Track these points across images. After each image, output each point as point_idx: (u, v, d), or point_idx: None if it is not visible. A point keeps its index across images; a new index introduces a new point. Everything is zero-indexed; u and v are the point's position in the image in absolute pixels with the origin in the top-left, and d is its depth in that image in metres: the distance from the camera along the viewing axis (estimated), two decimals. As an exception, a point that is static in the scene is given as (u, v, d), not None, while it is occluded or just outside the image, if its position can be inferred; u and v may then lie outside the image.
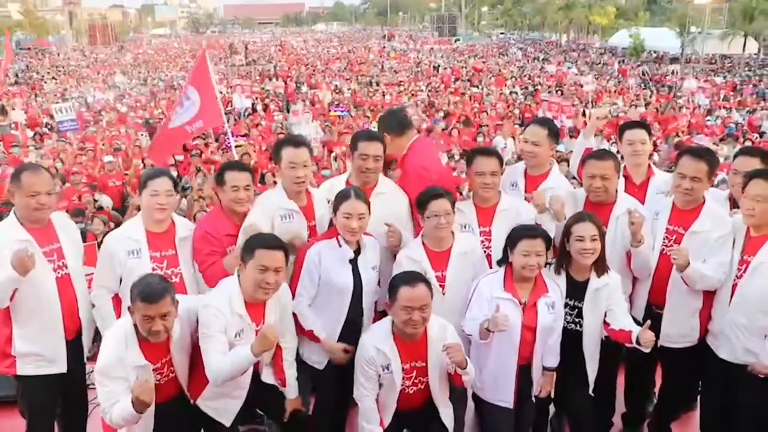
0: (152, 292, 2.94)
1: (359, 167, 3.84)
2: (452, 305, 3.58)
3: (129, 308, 3.05)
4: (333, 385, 3.66)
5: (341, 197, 3.49)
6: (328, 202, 3.78)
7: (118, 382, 2.96)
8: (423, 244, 3.65)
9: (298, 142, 3.81)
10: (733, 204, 3.91)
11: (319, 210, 3.83)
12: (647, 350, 3.30)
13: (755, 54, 39.63)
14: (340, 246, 3.53)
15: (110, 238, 3.73)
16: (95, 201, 9.16)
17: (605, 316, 3.52)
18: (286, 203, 3.72)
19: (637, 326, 3.38)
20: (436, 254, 3.62)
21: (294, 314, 3.57)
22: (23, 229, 3.46)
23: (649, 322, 3.35)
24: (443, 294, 3.59)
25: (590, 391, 3.67)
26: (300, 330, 3.60)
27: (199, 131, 7.78)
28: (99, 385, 3.02)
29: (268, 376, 3.52)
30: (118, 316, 3.61)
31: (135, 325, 3.04)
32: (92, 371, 3.89)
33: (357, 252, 3.58)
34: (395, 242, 3.72)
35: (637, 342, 3.28)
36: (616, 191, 3.83)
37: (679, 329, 3.73)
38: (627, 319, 3.49)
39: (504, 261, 3.51)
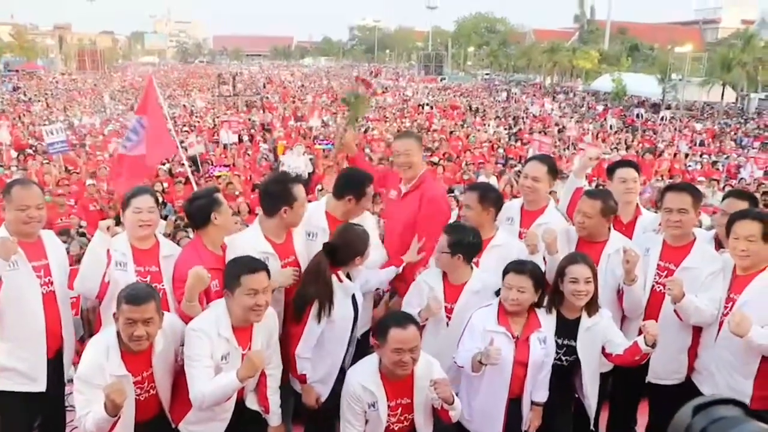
0: (137, 295, 2.96)
1: None
2: (453, 337, 3.58)
3: (114, 314, 3.03)
4: (319, 414, 3.62)
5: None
6: (308, 234, 3.84)
7: (96, 390, 2.88)
8: (443, 275, 3.70)
9: (304, 181, 3.85)
10: (719, 244, 3.95)
11: (298, 244, 3.81)
12: (652, 341, 3.22)
13: (733, 102, 40.64)
14: (341, 281, 3.55)
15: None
16: (80, 226, 9.07)
17: (603, 349, 3.50)
18: (261, 246, 3.62)
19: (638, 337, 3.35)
20: (452, 287, 3.67)
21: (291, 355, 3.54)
22: None
23: (650, 321, 3.32)
24: (447, 325, 3.63)
25: (591, 427, 3.68)
26: (292, 372, 3.57)
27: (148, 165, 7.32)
28: (77, 392, 2.98)
29: (252, 402, 3.46)
30: (98, 330, 3.58)
31: (118, 334, 3.01)
32: (71, 393, 3.81)
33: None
34: None
35: (645, 343, 3.24)
36: (609, 230, 3.86)
37: (667, 366, 3.74)
38: (627, 340, 3.47)
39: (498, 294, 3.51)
